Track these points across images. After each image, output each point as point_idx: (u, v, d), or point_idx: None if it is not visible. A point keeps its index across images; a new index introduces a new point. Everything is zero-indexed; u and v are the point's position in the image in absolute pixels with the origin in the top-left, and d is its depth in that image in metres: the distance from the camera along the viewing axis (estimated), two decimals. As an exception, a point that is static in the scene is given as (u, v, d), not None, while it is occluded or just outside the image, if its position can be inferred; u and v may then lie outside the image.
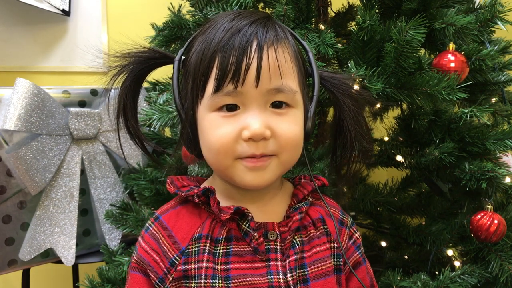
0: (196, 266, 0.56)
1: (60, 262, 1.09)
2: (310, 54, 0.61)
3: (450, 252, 0.97)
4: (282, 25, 0.59)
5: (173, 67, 0.60)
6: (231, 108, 0.54)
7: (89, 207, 1.14)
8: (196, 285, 0.55)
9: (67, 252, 1.07)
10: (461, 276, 0.87)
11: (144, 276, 0.58)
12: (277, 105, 0.55)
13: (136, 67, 0.60)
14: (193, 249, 0.56)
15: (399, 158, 1.01)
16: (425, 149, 0.94)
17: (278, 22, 0.59)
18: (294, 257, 0.57)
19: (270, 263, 0.56)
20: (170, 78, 1.05)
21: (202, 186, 0.62)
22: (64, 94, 1.08)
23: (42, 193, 1.05)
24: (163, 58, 0.62)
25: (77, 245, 1.09)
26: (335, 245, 0.61)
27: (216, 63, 0.53)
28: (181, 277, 0.56)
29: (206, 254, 0.56)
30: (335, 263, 0.61)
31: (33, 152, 1.00)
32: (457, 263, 0.95)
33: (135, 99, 0.63)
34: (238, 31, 0.53)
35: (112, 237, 1.15)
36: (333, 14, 1.14)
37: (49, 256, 1.08)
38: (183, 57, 0.60)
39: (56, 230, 1.07)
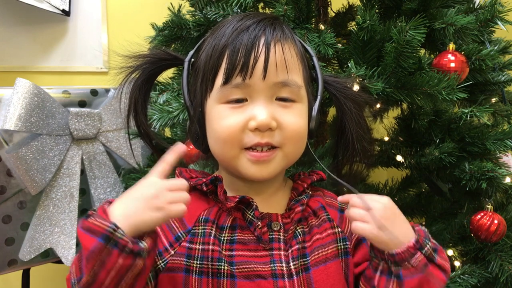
0: (201, 247, 0.57)
1: (60, 262, 1.08)
2: (315, 58, 0.64)
3: (450, 252, 0.97)
4: (288, 26, 0.62)
5: (183, 67, 0.62)
6: (239, 99, 0.56)
7: (89, 207, 1.14)
8: (199, 265, 0.56)
9: (67, 252, 1.07)
10: (461, 276, 0.87)
11: None
12: (283, 98, 0.57)
13: (149, 67, 0.63)
14: (200, 230, 0.58)
15: (399, 158, 1.01)
16: (425, 149, 0.94)
17: (285, 23, 0.62)
18: (296, 246, 0.59)
19: (273, 252, 0.58)
20: (170, 79, 1.05)
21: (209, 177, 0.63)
22: (64, 94, 1.08)
23: (42, 193, 1.05)
24: (174, 60, 0.65)
25: (77, 245, 1.09)
26: (339, 229, 0.63)
27: (225, 57, 0.56)
28: (183, 253, 0.56)
29: (212, 238, 0.57)
30: (341, 246, 0.62)
31: (33, 152, 1.00)
32: (457, 263, 0.95)
33: (146, 98, 0.65)
34: (247, 28, 0.56)
35: (112, 237, 1.15)
36: (333, 14, 1.14)
37: (49, 256, 1.08)
38: (192, 59, 0.63)
39: (56, 230, 1.07)
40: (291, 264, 0.57)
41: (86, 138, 1.10)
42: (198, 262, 0.56)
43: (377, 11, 0.91)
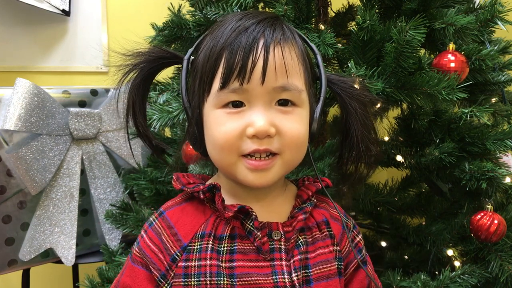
0: (197, 264, 0.55)
1: (60, 262, 1.09)
2: (319, 57, 0.62)
3: (450, 252, 0.97)
4: (289, 26, 0.60)
5: (182, 66, 0.60)
6: (237, 105, 0.54)
7: (89, 207, 1.15)
8: (196, 283, 0.55)
9: (67, 252, 1.07)
10: (461, 276, 0.87)
11: (146, 271, 0.58)
12: (282, 103, 0.55)
13: (147, 65, 0.61)
14: (196, 247, 0.56)
15: (399, 158, 1.01)
16: (425, 149, 0.94)
17: (286, 23, 0.60)
18: (298, 257, 0.57)
19: (275, 263, 0.56)
20: (170, 78, 1.05)
21: (207, 183, 0.62)
22: (64, 94, 1.08)
23: (42, 193, 1.05)
24: (173, 58, 0.63)
25: (77, 245, 1.09)
26: (338, 248, 0.62)
27: (223, 60, 0.54)
28: (180, 274, 0.56)
29: (209, 252, 0.56)
30: (338, 266, 0.61)
31: (33, 152, 1.00)
32: (457, 263, 0.95)
33: (144, 98, 0.63)
34: (245, 30, 0.54)
35: (112, 237, 1.15)
36: (333, 14, 1.14)
37: (49, 256, 1.08)
38: (192, 57, 0.61)
39: (56, 230, 1.07)
40: (294, 275, 0.56)
41: (86, 138, 1.10)
42: (196, 279, 0.55)
43: (377, 11, 0.90)
